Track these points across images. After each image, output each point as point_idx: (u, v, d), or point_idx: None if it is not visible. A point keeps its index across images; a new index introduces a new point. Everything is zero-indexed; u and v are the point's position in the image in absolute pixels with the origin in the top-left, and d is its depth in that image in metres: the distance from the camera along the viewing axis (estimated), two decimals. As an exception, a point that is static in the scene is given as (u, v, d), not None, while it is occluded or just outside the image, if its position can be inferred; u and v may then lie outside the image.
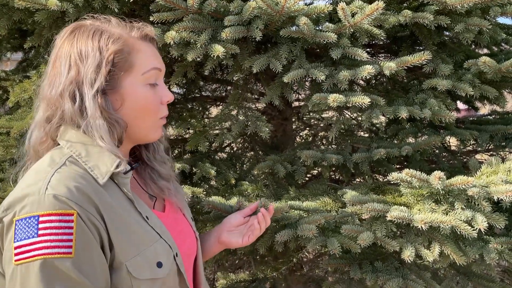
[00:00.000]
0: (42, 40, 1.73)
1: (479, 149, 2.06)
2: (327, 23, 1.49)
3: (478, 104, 2.22)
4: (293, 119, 2.47)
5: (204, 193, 1.56)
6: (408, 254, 1.35)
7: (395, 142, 1.90)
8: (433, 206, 1.39)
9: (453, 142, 2.08)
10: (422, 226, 1.30)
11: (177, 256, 0.93)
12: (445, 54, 1.74)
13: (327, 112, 1.89)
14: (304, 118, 2.76)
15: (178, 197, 1.06)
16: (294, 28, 1.49)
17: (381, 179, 2.09)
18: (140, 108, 0.91)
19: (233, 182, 1.76)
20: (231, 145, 2.73)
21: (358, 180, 2.19)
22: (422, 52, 1.48)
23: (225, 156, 2.41)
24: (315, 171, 2.35)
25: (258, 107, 2.29)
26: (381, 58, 2.17)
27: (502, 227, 1.34)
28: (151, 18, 1.41)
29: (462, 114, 2.34)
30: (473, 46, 2.05)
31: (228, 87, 2.69)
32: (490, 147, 2.02)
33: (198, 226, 1.59)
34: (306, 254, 2.37)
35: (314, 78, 1.48)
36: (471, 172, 1.57)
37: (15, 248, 0.75)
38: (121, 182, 0.88)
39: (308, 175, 2.31)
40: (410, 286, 1.46)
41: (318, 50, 1.76)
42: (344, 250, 1.43)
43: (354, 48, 1.46)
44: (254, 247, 1.47)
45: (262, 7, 1.37)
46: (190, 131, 1.97)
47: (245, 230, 1.20)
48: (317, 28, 1.52)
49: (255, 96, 2.33)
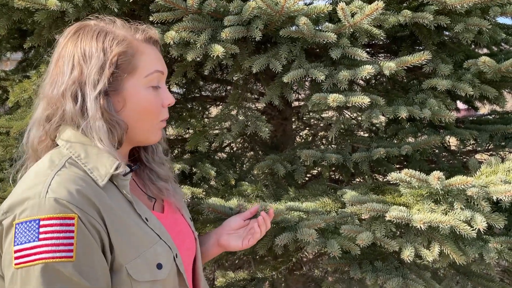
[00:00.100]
0: (41, 40, 1.73)
1: (479, 148, 2.06)
2: (327, 23, 1.49)
3: (478, 104, 2.22)
4: (293, 119, 2.47)
5: (203, 193, 1.56)
6: (407, 254, 1.35)
7: (395, 141, 1.90)
8: (432, 206, 1.39)
9: (453, 141, 2.08)
10: (421, 226, 1.30)
11: (176, 257, 0.93)
12: (445, 54, 1.74)
13: (327, 112, 1.89)
14: (304, 118, 2.76)
15: (176, 197, 1.06)
16: (293, 28, 1.49)
17: (380, 179, 2.09)
18: (141, 110, 0.91)
19: (233, 182, 1.76)
20: (231, 145, 2.73)
21: (357, 179, 2.19)
22: (422, 52, 1.48)
23: (225, 156, 2.41)
24: (315, 171, 2.35)
25: (258, 107, 2.29)
26: (381, 58, 2.17)
27: (502, 227, 1.35)
28: (151, 18, 1.41)
29: (462, 114, 2.34)
30: (472, 46, 2.05)
31: (228, 87, 2.69)
32: (489, 147, 2.02)
33: (198, 226, 1.59)
34: (306, 254, 2.37)
35: (313, 78, 1.48)
36: (471, 172, 1.57)
37: (15, 251, 0.75)
38: (120, 184, 0.87)
39: (308, 175, 2.31)
40: (410, 286, 1.46)
41: (317, 50, 1.76)
42: (344, 250, 1.42)
43: (354, 48, 1.46)
44: (254, 248, 1.47)
45: (262, 7, 1.37)
46: (190, 131, 1.97)
47: (244, 233, 1.19)
48: (316, 28, 1.52)
49: (255, 96, 2.33)
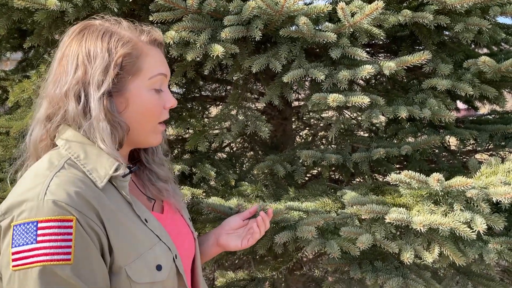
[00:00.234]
0: (41, 40, 1.73)
1: (479, 148, 2.05)
2: (327, 23, 1.49)
3: (477, 103, 2.22)
4: (292, 119, 2.47)
5: (203, 194, 1.55)
6: (407, 256, 1.35)
7: (395, 141, 1.90)
8: (432, 207, 1.38)
9: (452, 141, 2.07)
10: (420, 229, 1.29)
11: (176, 258, 0.93)
12: (444, 53, 1.74)
13: (327, 111, 1.89)
14: (303, 118, 2.76)
15: (176, 198, 1.06)
16: (293, 28, 1.49)
17: (380, 179, 2.09)
18: (143, 112, 0.91)
19: (232, 183, 1.76)
20: (231, 145, 2.73)
21: (357, 179, 2.18)
22: (422, 51, 1.47)
23: (224, 156, 2.41)
24: (315, 171, 2.35)
25: (258, 107, 2.29)
26: (380, 58, 2.17)
27: (501, 229, 1.34)
28: (151, 18, 1.41)
29: (461, 114, 2.34)
30: (472, 46, 2.05)
31: (227, 87, 2.69)
32: (489, 147, 2.02)
33: (198, 226, 1.59)
34: (306, 254, 2.37)
35: (313, 78, 1.47)
36: (471, 172, 1.56)
37: (13, 253, 0.75)
38: (119, 185, 0.87)
39: (307, 175, 2.31)
40: (410, 286, 1.46)
41: (317, 50, 1.76)
42: (344, 250, 1.42)
43: (354, 48, 1.46)
44: (254, 248, 1.47)
45: (262, 7, 1.37)
46: (190, 131, 1.97)
47: (244, 233, 1.19)
48: (316, 28, 1.51)
49: (255, 96, 2.33)
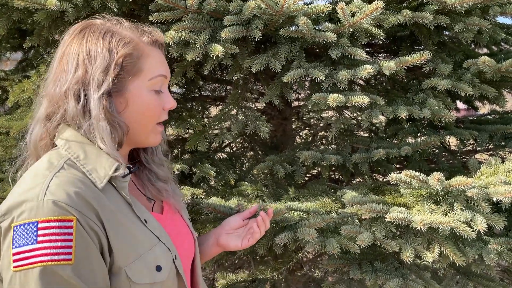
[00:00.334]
0: (41, 40, 1.73)
1: (479, 148, 2.05)
2: (327, 23, 1.49)
3: (477, 103, 2.22)
4: (292, 119, 2.47)
5: (203, 193, 1.55)
6: (407, 255, 1.35)
7: (395, 142, 1.90)
8: (432, 207, 1.38)
9: (452, 141, 2.07)
10: (421, 228, 1.29)
11: (176, 258, 0.93)
12: (444, 53, 1.74)
13: (327, 111, 1.89)
14: (303, 118, 2.76)
15: (176, 198, 1.05)
16: (293, 28, 1.49)
17: (380, 179, 2.09)
18: (143, 112, 0.91)
19: (232, 182, 1.76)
20: (231, 145, 2.73)
21: (357, 180, 2.18)
22: (422, 51, 1.47)
23: (224, 156, 2.41)
24: (315, 171, 2.35)
25: (258, 107, 2.29)
26: (380, 58, 2.17)
27: (502, 228, 1.34)
28: (151, 18, 1.41)
29: (461, 114, 2.34)
30: (472, 46, 2.05)
31: (227, 87, 2.69)
32: (489, 147, 2.02)
33: (198, 226, 1.59)
34: (306, 254, 2.37)
35: (313, 78, 1.47)
36: (471, 172, 1.56)
37: (14, 254, 0.74)
38: (119, 186, 0.87)
39: (307, 175, 2.31)
40: (410, 286, 1.46)
41: (317, 50, 1.76)
42: (343, 250, 1.42)
43: (354, 47, 1.46)
44: (254, 248, 1.47)
45: (262, 7, 1.37)
46: (190, 131, 1.97)
47: (244, 233, 1.19)
48: (316, 27, 1.51)
49: (255, 95, 2.33)
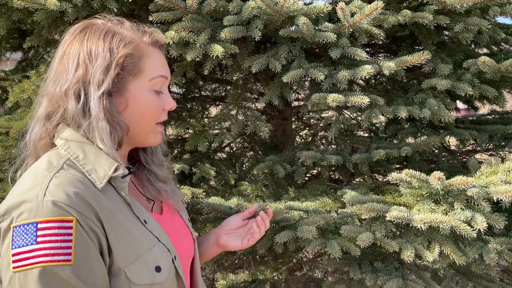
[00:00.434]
0: (41, 40, 1.73)
1: (479, 149, 2.06)
2: (326, 23, 1.49)
3: (477, 103, 2.22)
4: (292, 119, 2.47)
5: (203, 193, 1.55)
6: (407, 255, 1.35)
7: (395, 142, 1.90)
8: (432, 206, 1.38)
9: (452, 142, 2.07)
10: (421, 226, 1.29)
11: (175, 259, 0.92)
12: (444, 53, 1.74)
13: (327, 111, 1.89)
14: (303, 118, 2.76)
15: (175, 198, 1.05)
16: (293, 28, 1.49)
17: (380, 179, 2.09)
18: (143, 112, 0.91)
19: (232, 182, 1.76)
20: (231, 145, 2.73)
21: (357, 180, 2.18)
22: (422, 52, 1.47)
23: (224, 156, 2.41)
24: (315, 171, 2.35)
25: (258, 107, 2.29)
26: (380, 58, 2.17)
27: (502, 227, 1.34)
28: (150, 18, 1.41)
29: (461, 114, 2.34)
30: (472, 46, 2.05)
31: (227, 87, 2.69)
32: (489, 147, 2.02)
33: (198, 226, 1.59)
34: (306, 254, 2.37)
35: (313, 78, 1.47)
36: (471, 172, 1.56)
37: (13, 255, 0.74)
38: (119, 186, 0.87)
39: (307, 175, 2.31)
40: (410, 286, 1.46)
41: (317, 50, 1.76)
42: (344, 250, 1.42)
43: (354, 48, 1.46)
44: (254, 248, 1.46)
45: (261, 7, 1.37)
46: (190, 131, 1.97)
47: (244, 233, 1.19)
48: (316, 28, 1.51)
49: (255, 95, 2.33)
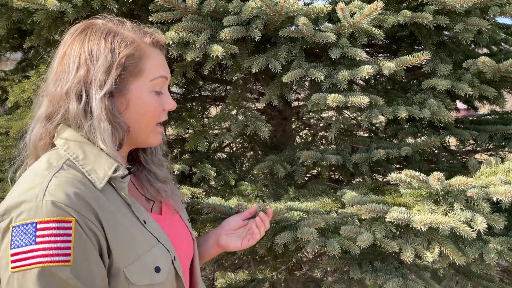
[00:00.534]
0: (41, 40, 1.73)
1: (479, 149, 2.06)
2: (326, 23, 1.49)
3: (477, 104, 2.22)
4: (292, 119, 2.47)
5: (203, 193, 1.55)
6: (407, 255, 1.35)
7: (395, 142, 1.90)
8: (432, 207, 1.38)
9: (452, 142, 2.07)
10: (421, 227, 1.30)
11: (175, 259, 0.92)
12: (444, 54, 1.74)
13: (327, 112, 1.89)
14: (303, 118, 2.76)
15: (174, 199, 1.05)
16: (293, 28, 1.49)
17: (380, 179, 2.09)
18: (144, 113, 0.91)
19: (232, 182, 1.76)
20: (231, 145, 2.73)
21: (357, 180, 2.19)
22: (422, 52, 1.47)
23: (224, 156, 2.41)
24: (315, 171, 2.35)
25: (258, 107, 2.29)
26: (380, 58, 2.17)
27: (501, 228, 1.35)
28: (150, 18, 1.41)
29: (461, 114, 2.34)
30: (472, 46, 2.05)
31: (227, 87, 2.69)
32: (489, 147, 2.02)
33: (198, 226, 1.59)
34: (306, 254, 2.37)
35: (313, 78, 1.47)
36: (471, 172, 1.56)
37: (12, 255, 0.74)
38: (118, 186, 0.87)
39: (307, 175, 2.31)
40: (410, 286, 1.46)
41: (317, 50, 1.76)
42: (343, 250, 1.42)
43: (353, 48, 1.46)
44: (254, 248, 1.47)
45: (261, 7, 1.37)
46: (190, 131, 1.97)
47: (244, 233, 1.19)
48: (316, 28, 1.51)
49: (255, 96, 2.33)
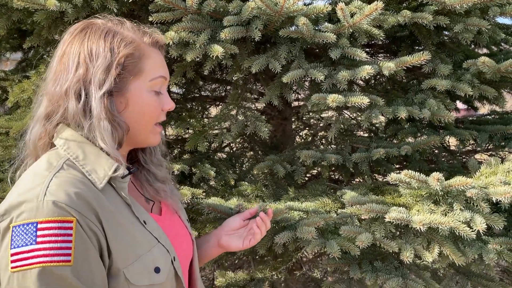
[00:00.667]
0: (41, 40, 1.73)
1: (479, 149, 2.06)
2: (326, 23, 1.49)
3: (477, 104, 2.23)
4: (292, 119, 2.47)
5: (203, 194, 1.55)
6: (407, 255, 1.35)
7: (395, 142, 1.90)
8: (432, 207, 1.38)
9: (452, 142, 2.07)
10: (420, 228, 1.30)
11: (174, 260, 0.92)
12: (444, 54, 1.74)
13: (327, 112, 1.89)
14: (303, 118, 2.76)
15: (173, 199, 1.05)
16: (293, 28, 1.49)
17: (380, 179, 2.09)
18: (143, 112, 0.91)
19: (232, 183, 1.76)
20: (231, 145, 2.73)
21: (357, 180, 2.19)
22: (422, 52, 1.47)
23: (224, 156, 2.41)
24: (315, 171, 2.35)
25: (258, 107, 2.29)
26: (380, 58, 2.17)
27: (501, 228, 1.35)
28: (150, 19, 1.41)
29: (461, 114, 2.34)
30: (472, 46, 2.05)
31: (227, 87, 2.69)
32: (489, 147, 2.02)
33: (198, 226, 1.59)
34: (306, 254, 2.37)
35: (313, 78, 1.47)
36: (470, 172, 1.56)
37: (12, 255, 0.74)
38: (118, 186, 0.87)
39: (307, 175, 2.31)
40: (410, 286, 1.46)
41: (317, 50, 1.76)
42: (343, 251, 1.42)
43: (353, 48, 1.46)
44: (253, 248, 1.47)
45: (261, 7, 1.37)
46: (190, 131, 1.97)
47: (245, 233, 1.19)
48: (316, 28, 1.51)
49: (255, 96, 2.33)
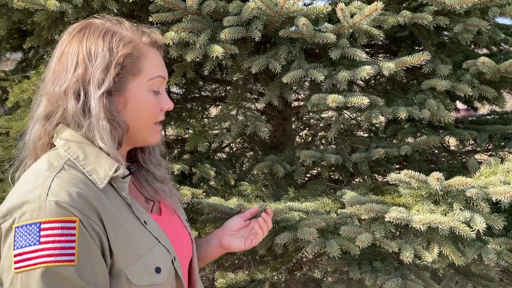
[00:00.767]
0: (41, 40, 1.74)
1: (478, 149, 2.06)
2: (326, 24, 1.49)
3: (477, 104, 2.23)
4: (292, 119, 2.47)
5: (203, 194, 1.56)
6: (407, 255, 1.35)
7: (394, 142, 1.90)
8: (431, 207, 1.39)
9: (452, 142, 2.08)
10: (420, 227, 1.30)
11: (175, 260, 0.93)
12: (444, 54, 1.74)
13: (327, 112, 1.89)
14: (303, 118, 2.76)
15: (172, 199, 1.05)
16: (293, 28, 1.49)
17: (380, 179, 2.09)
18: (142, 112, 0.91)
19: (232, 183, 1.76)
20: (231, 145, 2.73)
21: (357, 180, 2.19)
22: (421, 52, 1.47)
23: (224, 156, 2.41)
24: (315, 171, 2.35)
25: (258, 107, 2.29)
26: (380, 59, 2.17)
27: (501, 228, 1.35)
28: (150, 19, 1.41)
29: (461, 114, 2.34)
30: (472, 46, 2.05)
31: (227, 87, 2.69)
32: (489, 147, 2.03)
33: (198, 226, 1.59)
34: (306, 254, 2.37)
35: (313, 79, 1.48)
36: (470, 172, 1.57)
37: (15, 255, 0.74)
38: (119, 187, 0.87)
39: (307, 175, 2.31)
40: (409, 286, 1.46)
41: (317, 51, 1.76)
42: (343, 251, 1.42)
43: (353, 48, 1.46)
44: (254, 248, 1.47)
45: (261, 8, 1.37)
46: (190, 131, 1.97)
47: (246, 233, 1.19)
48: (316, 28, 1.51)
49: (255, 96, 2.33)
